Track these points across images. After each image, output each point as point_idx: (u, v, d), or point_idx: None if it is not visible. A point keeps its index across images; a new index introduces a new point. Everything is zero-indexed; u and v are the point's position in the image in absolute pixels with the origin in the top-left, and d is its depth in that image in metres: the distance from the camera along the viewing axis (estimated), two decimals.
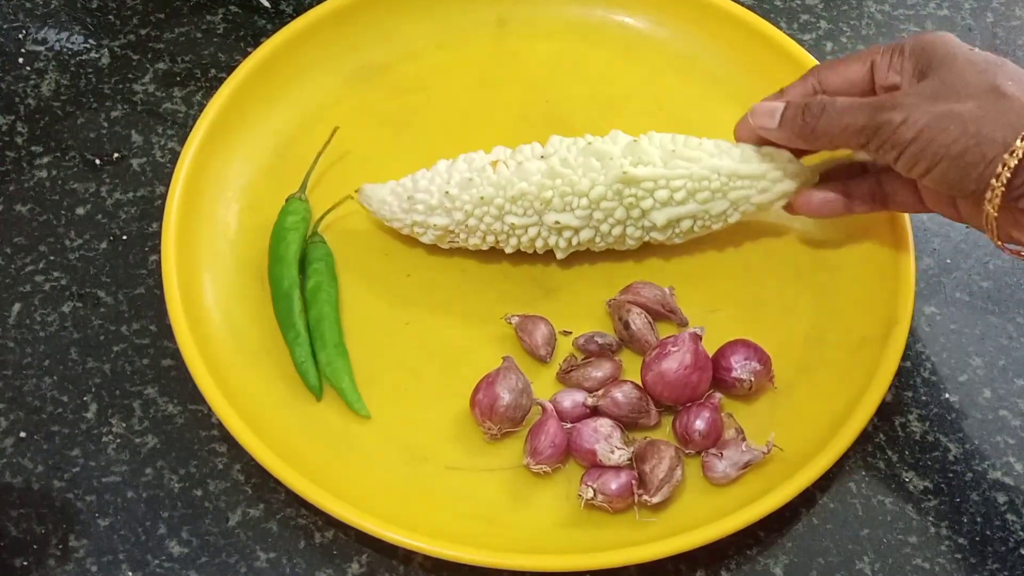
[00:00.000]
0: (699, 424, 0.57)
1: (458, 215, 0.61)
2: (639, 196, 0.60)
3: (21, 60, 0.73)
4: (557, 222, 0.60)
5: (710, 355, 0.59)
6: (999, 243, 0.54)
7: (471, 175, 0.61)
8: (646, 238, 0.62)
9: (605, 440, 0.56)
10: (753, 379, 0.58)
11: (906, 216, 0.63)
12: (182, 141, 0.67)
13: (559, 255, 0.63)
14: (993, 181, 0.51)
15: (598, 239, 0.62)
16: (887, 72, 0.57)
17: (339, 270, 0.64)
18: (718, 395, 0.58)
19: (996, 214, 0.52)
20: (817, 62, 0.69)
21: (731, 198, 0.60)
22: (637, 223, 0.61)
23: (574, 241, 0.62)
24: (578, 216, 0.60)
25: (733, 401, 0.60)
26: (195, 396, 0.59)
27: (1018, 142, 0.50)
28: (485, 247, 0.63)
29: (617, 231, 0.61)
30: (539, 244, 0.62)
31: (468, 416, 0.59)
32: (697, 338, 0.57)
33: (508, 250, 0.63)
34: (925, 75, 0.54)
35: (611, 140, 0.61)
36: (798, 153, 0.61)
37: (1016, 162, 0.50)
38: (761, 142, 0.61)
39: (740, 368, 0.58)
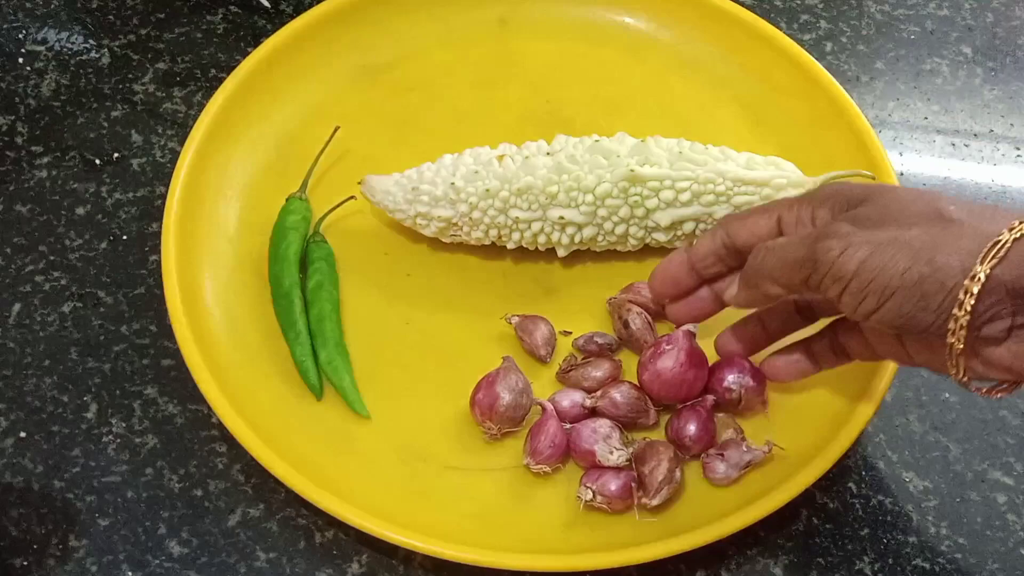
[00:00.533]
0: (690, 429, 0.56)
1: (463, 207, 0.61)
2: (644, 195, 0.60)
3: (21, 60, 0.73)
4: (561, 217, 0.60)
5: (711, 365, 0.58)
6: (967, 381, 0.48)
7: (477, 168, 0.61)
8: (648, 239, 0.62)
9: (604, 441, 0.56)
10: (743, 392, 0.57)
11: None
12: (182, 141, 0.67)
13: (561, 252, 0.63)
14: (956, 311, 0.45)
15: (600, 237, 0.62)
16: (795, 226, 0.52)
17: (339, 269, 0.64)
18: (710, 398, 0.58)
19: (962, 346, 0.46)
20: (817, 62, 0.69)
21: (735, 203, 0.61)
22: (641, 223, 0.61)
23: (577, 238, 0.62)
24: (582, 212, 0.60)
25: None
26: (195, 396, 0.59)
27: (978, 265, 0.45)
28: (487, 241, 0.63)
29: (620, 230, 0.61)
30: (542, 240, 0.62)
31: (468, 416, 0.59)
32: (691, 336, 0.57)
33: (510, 245, 0.63)
34: (854, 206, 0.49)
35: (618, 140, 0.61)
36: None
37: (979, 287, 0.45)
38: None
39: (731, 380, 0.58)
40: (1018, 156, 0.72)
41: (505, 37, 0.73)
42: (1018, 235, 0.45)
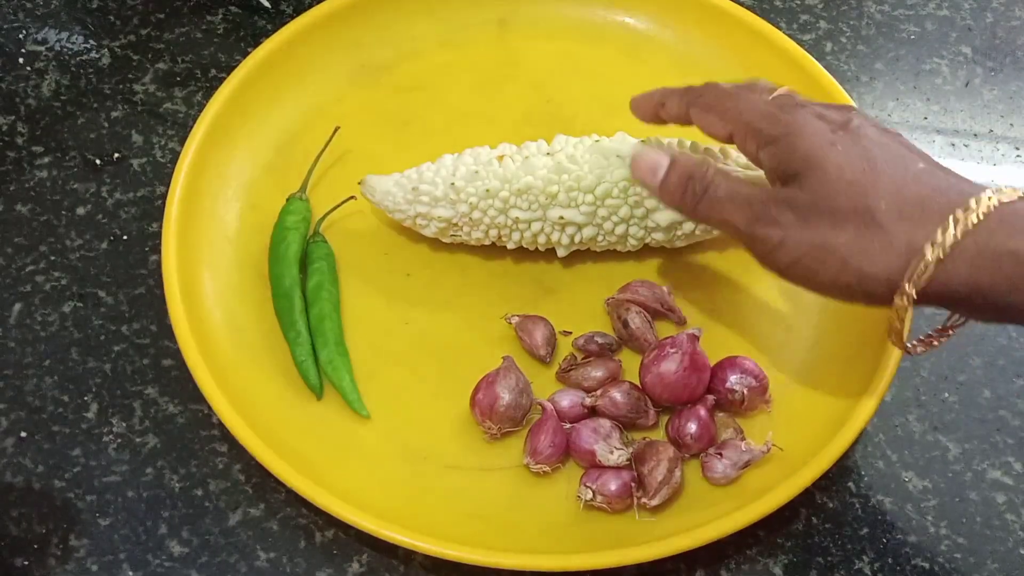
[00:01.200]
0: (691, 427, 0.57)
1: (463, 207, 0.61)
2: (644, 195, 0.60)
3: (21, 60, 0.73)
4: (561, 217, 0.60)
5: (711, 364, 0.58)
6: (906, 347, 0.54)
7: (477, 168, 0.61)
8: (648, 239, 0.62)
9: (604, 440, 0.56)
10: (746, 392, 0.58)
11: None
12: (182, 141, 0.67)
13: (561, 252, 0.63)
14: (894, 322, 0.50)
15: (600, 237, 0.62)
16: (742, 147, 0.54)
17: (339, 269, 0.64)
18: (711, 398, 0.58)
19: (901, 345, 0.52)
20: (817, 62, 0.69)
21: None
22: (640, 223, 0.61)
23: (576, 238, 0.62)
24: (582, 212, 0.60)
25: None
26: (195, 396, 0.59)
27: (905, 283, 0.47)
28: (487, 242, 0.63)
29: (620, 230, 0.61)
30: (541, 240, 0.62)
31: (468, 416, 0.59)
32: (695, 339, 0.57)
33: (510, 246, 0.63)
34: (789, 180, 0.51)
35: (618, 140, 0.61)
36: None
37: (910, 302, 0.48)
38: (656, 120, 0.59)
39: (735, 381, 0.58)
40: (1018, 156, 0.72)
41: (505, 37, 0.73)
42: (940, 254, 0.47)
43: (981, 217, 0.47)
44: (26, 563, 0.56)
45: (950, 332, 0.54)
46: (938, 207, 0.48)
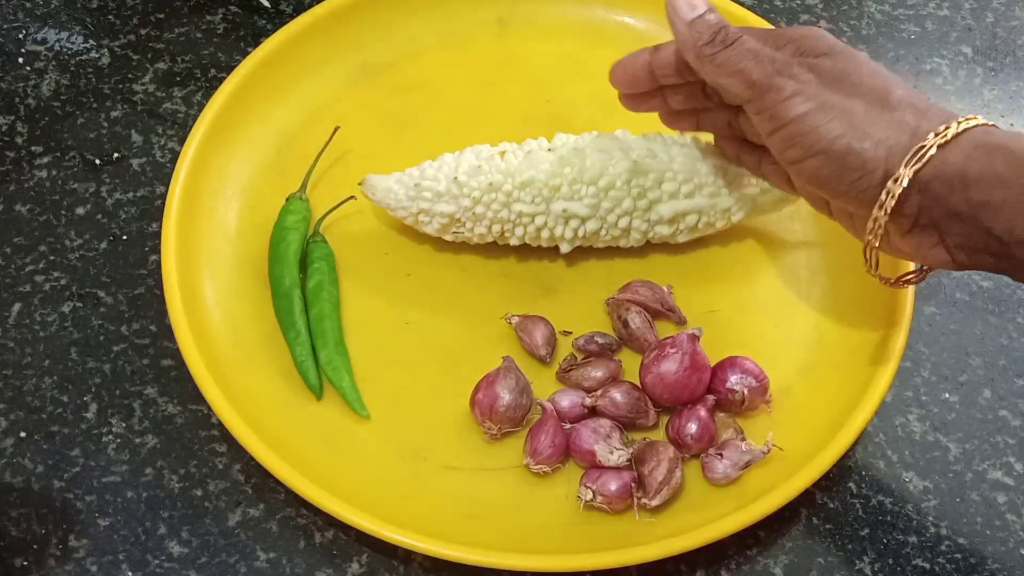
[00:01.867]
0: (691, 428, 0.57)
1: (466, 202, 0.61)
2: (647, 186, 0.60)
3: (21, 60, 0.73)
4: (565, 210, 0.60)
5: (712, 364, 0.58)
6: (876, 274, 0.54)
7: (480, 163, 0.61)
8: (651, 233, 0.62)
9: (604, 441, 0.56)
10: (746, 392, 0.58)
11: None
12: (182, 141, 0.67)
13: (564, 248, 0.63)
14: (877, 211, 0.50)
15: (604, 231, 0.62)
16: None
17: (339, 269, 0.64)
18: (711, 398, 0.58)
19: (878, 244, 0.52)
20: None
21: (736, 195, 0.61)
22: (644, 215, 0.61)
23: (580, 232, 0.62)
24: (586, 204, 0.60)
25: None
26: (195, 396, 0.59)
27: (902, 168, 0.49)
28: (490, 238, 0.63)
29: (624, 222, 0.61)
30: (545, 235, 0.62)
31: (468, 416, 0.59)
32: (695, 339, 0.57)
33: (514, 241, 0.63)
34: (817, 56, 0.52)
35: (620, 134, 0.61)
36: None
37: (900, 190, 0.49)
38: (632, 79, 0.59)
39: (735, 381, 0.58)
40: None
41: (505, 37, 0.73)
42: (942, 141, 0.49)
43: (980, 122, 0.49)
44: (25, 563, 0.56)
45: (925, 272, 0.56)
46: (942, 111, 0.50)
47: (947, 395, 0.62)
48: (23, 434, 0.59)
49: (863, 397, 0.57)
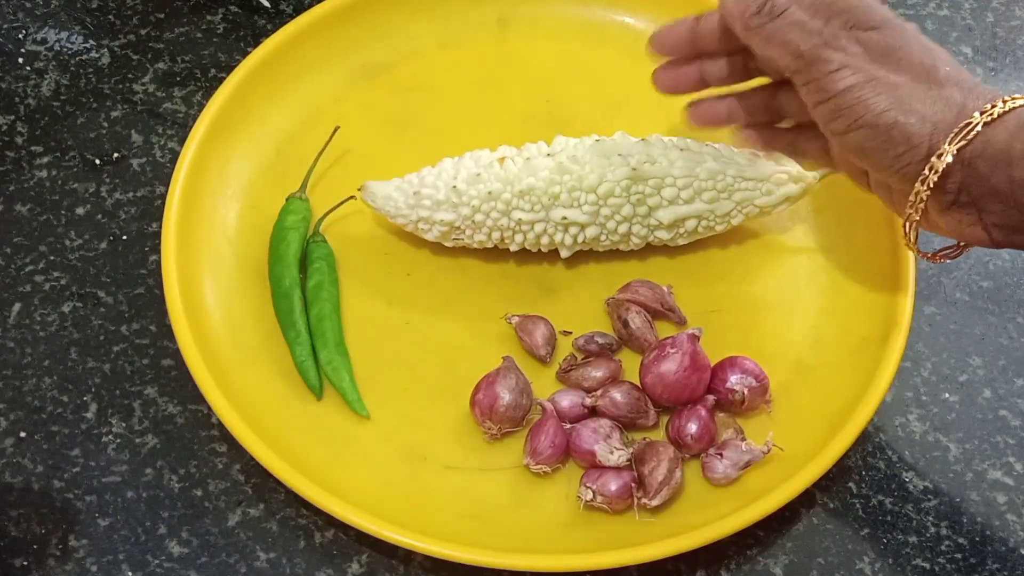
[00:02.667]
0: (691, 428, 0.57)
1: (465, 210, 0.61)
2: (647, 193, 0.60)
3: (21, 60, 0.73)
4: (564, 218, 0.60)
5: (712, 364, 0.58)
6: (914, 247, 0.55)
7: (479, 171, 0.61)
8: (651, 238, 0.62)
9: (604, 441, 0.56)
10: (746, 392, 0.57)
11: None
12: (182, 141, 0.67)
13: (564, 253, 0.63)
14: (918, 185, 0.51)
15: (603, 237, 0.62)
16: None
17: (339, 269, 0.64)
18: (711, 398, 0.58)
19: (918, 217, 0.52)
20: None
21: (736, 199, 0.61)
22: (643, 221, 0.61)
23: (580, 238, 0.62)
24: (585, 212, 0.60)
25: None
26: (195, 396, 0.59)
27: (946, 144, 0.49)
28: (490, 244, 0.63)
29: (623, 228, 0.61)
30: (544, 241, 0.62)
31: (468, 416, 0.59)
32: (695, 339, 0.57)
33: (513, 248, 0.63)
34: (867, 29, 0.52)
35: (619, 139, 0.61)
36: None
37: (943, 166, 0.50)
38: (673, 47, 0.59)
39: (735, 381, 0.58)
40: None
41: (505, 37, 0.73)
42: (988, 119, 0.49)
43: None
44: (25, 563, 0.56)
45: (962, 248, 0.56)
46: (988, 90, 0.51)
47: (947, 395, 0.62)
48: (23, 434, 0.59)
49: (863, 397, 0.57)
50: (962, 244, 0.55)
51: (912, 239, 0.54)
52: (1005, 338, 0.64)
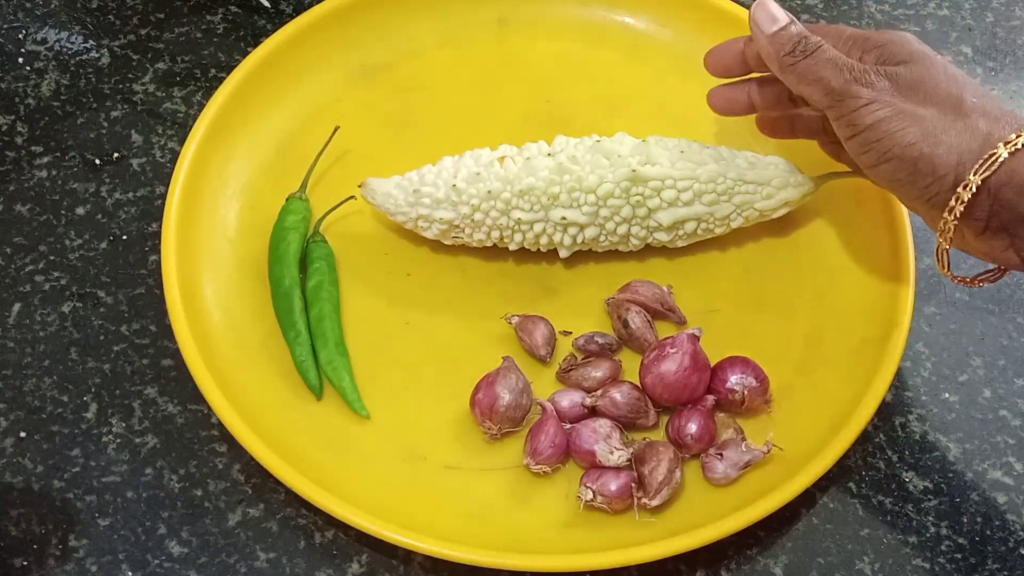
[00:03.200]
0: (691, 428, 0.57)
1: (464, 209, 0.61)
2: (646, 195, 0.60)
3: (21, 60, 0.73)
4: (563, 218, 0.60)
5: (712, 364, 0.58)
6: (949, 273, 0.55)
7: (478, 170, 0.61)
8: (650, 239, 0.62)
9: (604, 441, 0.56)
10: (746, 392, 0.57)
11: (906, 216, 0.63)
12: (182, 141, 0.67)
13: (563, 253, 0.63)
14: (946, 215, 0.52)
15: (603, 237, 0.62)
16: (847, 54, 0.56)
17: (339, 269, 0.64)
18: (711, 398, 0.58)
19: (948, 246, 0.53)
20: None
21: (735, 202, 0.61)
22: (643, 223, 0.61)
23: (579, 239, 0.62)
24: (584, 213, 0.60)
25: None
26: (195, 396, 0.59)
27: (971, 175, 0.50)
28: (489, 243, 0.63)
29: (622, 230, 0.61)
30: (543, 241, 0.62)
31: (468, 416, 0.59)
32: (695, 339, 0.57)
33: (512, 247, 0.63)
34: (897, 63, 0.54)
35: (618, 140, 0.61)
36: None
37: (969, 195, 0.51)
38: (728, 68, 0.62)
39: (735, 381, 0.58)
40: None
41: (504, 37, 0.73)
42: (1012, 150, 0.50)
43: None
44: (25, 563, 0.56)
45: (1000, 272, 0.56)
46: (1015, 118, 0.52)
47: (947, 395, 0.62)
48: (23, 434, 0.59)
49: (863, 397, 0.57)
50: (1001, 268, 0.56)
51: (945, 264, 0.55)
52: (1005, 338, 0.64)
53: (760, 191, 0.61)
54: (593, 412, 0.58)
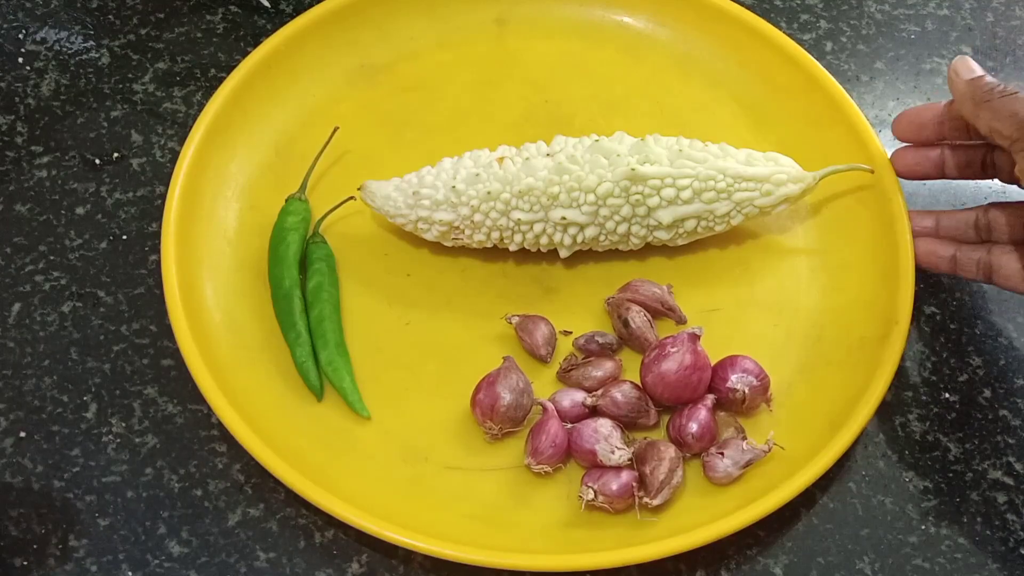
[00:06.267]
0: (692, 427, 0.57)
1: (464, 210, 0.61)
2: (646, 194, 0.60)
3: (21, 60, 0.73)
4: (563, 218, 0.60)
5: (712, 363, 0.58)
6: None
7: (478, 171, 0.61)
8: (650, 238, 0.63)
9: (605, 440, 0.56)
10: (747, 391, 0.58)
11: (905, 216, 0.63)
12: (182, 141, 0.67)
13: (563, 253, 0.63)
14: None
15: (603, 237, 0.62)
16: None
17: (339, 270, 0.64)
18: (712, 397, 0.58)
19: None
20: (817, 63, 0.69)
21: (735, 200, 0.61)
22: (643, 221, 0.61)
23: (579, 238, 0.62)
24: (584, 212, 0.60)
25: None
26: (195, 396, 0.59)
27: None
28: (489, 244, 0.63)
29: (622, 229, 0.61)
30: (543, 241, 0.62)
31: (468, 416, 0.59)
32: (696, 338, 0.57)
33: (512, 247, 0.63)
34: None
35: (617, 140, 0.61)
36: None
37: None
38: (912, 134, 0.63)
39: (736, 380, 0.58)
40: None
41: (503, 37, 0.73)
42: None
43: None
44: (25, 563, 0.56)
45: None
46: None
47: (947, 395, 0.62)
48: (23, 434, 0.59)
49: (863, 397, 0.57)
50: None
51: None
52: (1005, 338, 0.64)
53: (760, 188, 0.61)
54: (594, 412, 0.58)
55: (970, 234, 0.62)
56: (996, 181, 0.62)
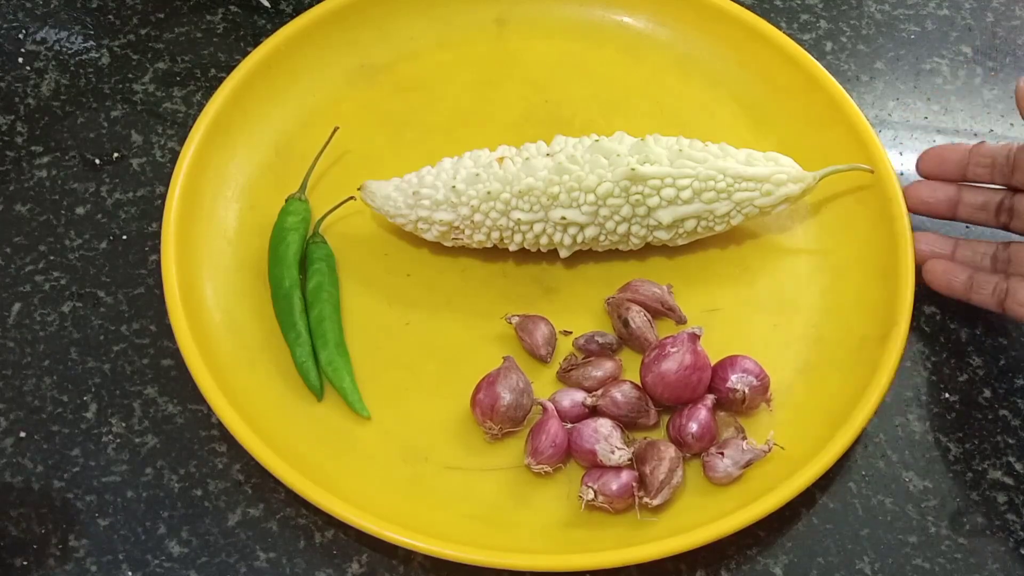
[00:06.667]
0: (692, 427, 0.57)
1: (464, 210, 0.61)
2: (646, 194, 0.60)
3: (21, 60, 0.73)
4: (563, 218, 0.60)
5: (712, 363, 0.58)
6: None
7: (478, 171, 0.61)
8: (650, 238, 0.63)
9: (605, 440, 0.56)
10: (747, 391, 0.58)
11: (905, 216, 0.63)
12: (182, 141, 0.67)
13: (563, 253, 0.63)
14: None
15: (603, 237, 0.62)
16: None
17: (339, 270, 0.64)
18: (712, 397, 0.58)
19: None
20: (816, 62, 0.69)
21: (735, 199, 0.61)
22: (642, 221, 0.61)
23: (579, 238, 0.62)
24: (584, 212, 0.60)
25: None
26: (195, 396, 0.59)
27: None
28: (489, 244, 0.63)
29: (622, 229, 0.61)
30: (544, 241, 0.62)
31: (468, 416, 0.59)
32: (696, 338, 0.57)
33: (512, 247, 0.63)
34: None
35: (617, 140, 0.61)
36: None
37: None
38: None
39: (736, 380, 0.58)
40: None
41: (503, 37, 0.73)
42: None
43: None
44: (25, 563, 0.56)
45: None
46: None
47: (947, 395, 0.62)
48: (23, 434, 0.59)
49: (863, 397, 0.57)
50: None
51: None
52: (1005, 338, 0.64)
53: (760, 187, 0.61)
54: (594, 412, 0.58)
55: (986, 264, 0.62)
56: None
